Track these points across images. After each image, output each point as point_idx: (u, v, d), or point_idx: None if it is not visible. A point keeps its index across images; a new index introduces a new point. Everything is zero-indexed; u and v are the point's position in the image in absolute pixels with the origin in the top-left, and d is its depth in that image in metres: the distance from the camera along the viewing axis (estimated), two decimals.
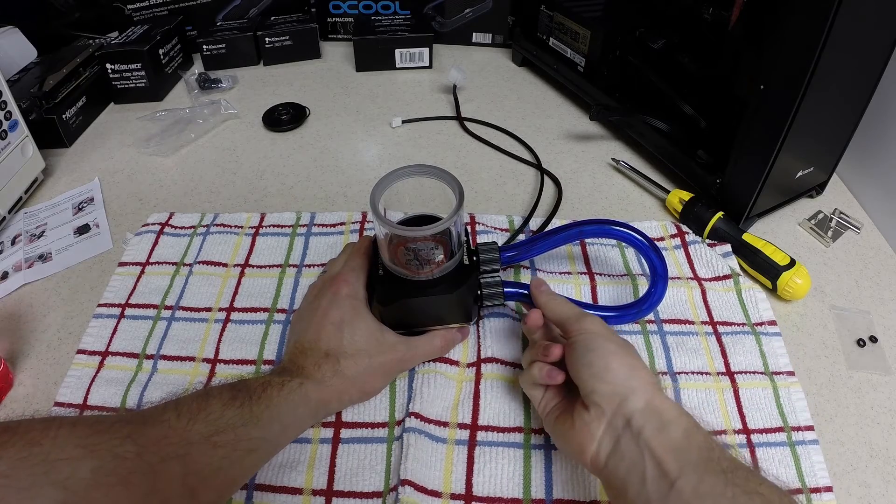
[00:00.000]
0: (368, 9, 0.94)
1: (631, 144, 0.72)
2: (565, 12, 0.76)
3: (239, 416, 0.35)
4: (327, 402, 0.41)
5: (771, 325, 0.50)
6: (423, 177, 0.43)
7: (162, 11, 0.89)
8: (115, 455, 0.28)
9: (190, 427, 0.32)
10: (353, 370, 0.41)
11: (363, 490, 0.40)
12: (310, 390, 0.39)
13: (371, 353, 0.42)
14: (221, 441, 0.33)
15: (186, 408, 0.33)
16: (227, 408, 0.35)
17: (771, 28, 0.50)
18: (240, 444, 0.34)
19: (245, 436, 0.34)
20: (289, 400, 0.38)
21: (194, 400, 0.34)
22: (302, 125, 0.77)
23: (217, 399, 0.35)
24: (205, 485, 0.32)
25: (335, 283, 0.44)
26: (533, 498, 0.40)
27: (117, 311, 0.52)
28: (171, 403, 0.34)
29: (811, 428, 0.43)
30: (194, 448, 0.32)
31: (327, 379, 0.40)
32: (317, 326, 0.42)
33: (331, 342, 0.41)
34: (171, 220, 0.60)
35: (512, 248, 0.49)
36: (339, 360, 0.40)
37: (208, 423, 0.33)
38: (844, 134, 0.59)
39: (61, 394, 0.46)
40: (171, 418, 0.33)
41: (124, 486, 0.28)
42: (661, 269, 0.47)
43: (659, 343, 0.48)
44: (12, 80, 0.74)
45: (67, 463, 0.27)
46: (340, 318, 0.42)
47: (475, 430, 0.43)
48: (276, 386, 0.38)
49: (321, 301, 0.43)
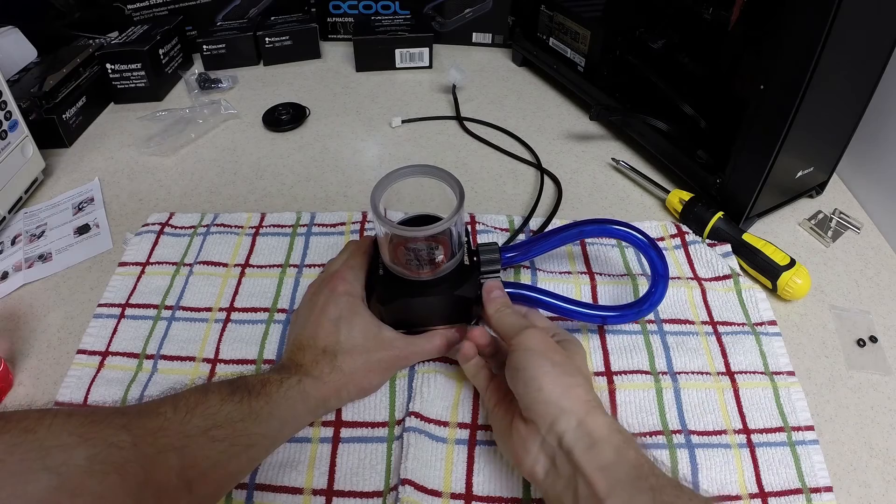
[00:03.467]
0: (368, 9, 0.94)
1: (631, 144, 0.72)
2: (565, 12, 0.76)
3: (237, 411, 0.35)
4: (326, 398, 0.41)
5: (771, 325, 0.50)
6: (424, 177, 0.43)
7: (162, 11, 0.89)
8: (109, 444, 0.28)
9: (187, 420, 0.33)
10: (351, 366, 0.41)
11: (363, 490, 0.40)
12: (308, 387, 0.39)
13: (368, 349, 0.42)
14: (219, 435, 0.33)
15: (184, 402, 0.34)
16: (226, 403, 0.35)
17: (771, 28, 0.50)
18: (238, 438, 0.34)
19: (243, 431, 0.35)
20: (287, 397, 0.38)
21: (192, 395, 0.35)
22: (302, 125, 0.77)
23: (215, 394, 0.35)
24: (202, 478, 0.32)
25: (333, 280, 0.44)
26: (533, 497, 0.39)
27: (117, 312, 0.51)
28: (169, 398, 0.34)
29: (811, 428, 0.43)
30: (192, 441, 0.32)
31: (325, 375, 0.40)
32: (314, 323, 0.42)
33: (328, 338, 0.41)
34: (171, 220, 0.60)
35: (512, 248, 0.49)
36: (337, 356, 0.41)
37: (206, 417, 0.33)
38: (844, 134, 0.59)
39: (61, 394, 0.46)
40: (168, 411, 0.33)
41: (119, 475, 0.28)
42: (662, 268, 0.47)
43: (659, 343, 0.48)
44: (12, 80, 0.74)
45: (62, 450, 0.27)
46: (338, 314, 0.42)
47: (475, 429, 0.43)
48: (275, 383, 0.38)
49: (318, 298, 0.43)
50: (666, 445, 0.42)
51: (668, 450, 0.42)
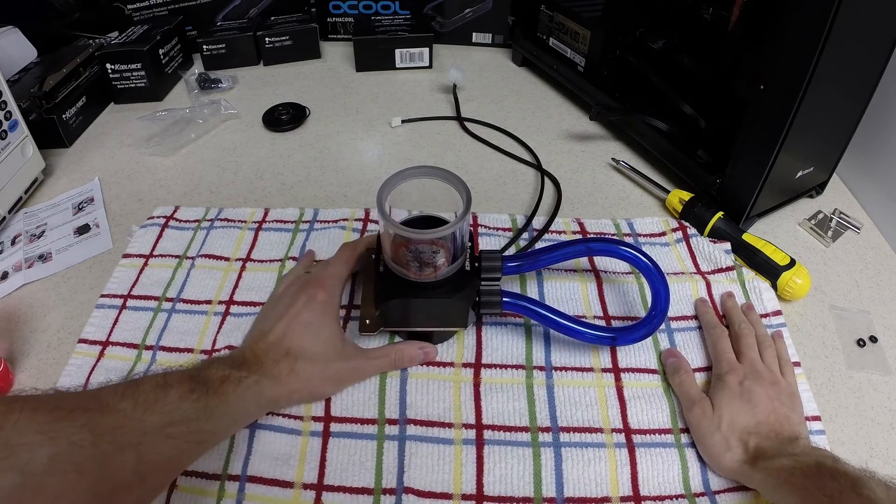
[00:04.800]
0: (368, 9, 0.94)
1: (631, 144, 0.72)
2: (565, 12, 0.76)
3: (193, 409, 0.36)
4: (277, 399, 0.42)
5: (776, 316, 0.50)
6: (432, 178, 0.42)
7: (162, 11, 0.89)
8: (71, 443, 0.30)
9: (145, 417, 0.34)
10: (308, 373, 0.42)
11: (353, 485, 0.40)
12: (264, 387, 0.40)
13: (328, 359, 0.43)
14: (174, 433, 0.35)
15: (143, 397, 0.34)
16: (184, 400, 0.36)
17: (771, 28, 0.50)
18: (190, 435, 0.36)
19: (196, 428, 0.36)
20: (244, 396, 0.39)
21: (152, 389, 0.35)
22: (302, 125, 0.77)
23: (175, 389, 0.36)
24: (154, 472, 0.34)
25: (315, 286, 0.45)
26: (544, 496, 0.40)
27: (119, 302, 0.52)
28: (130, 390, 0.35)
29: (818, 418, 0.44)
30: (148, 438, 0.33)
31: (283, 377, 0.41)
32: (286, 323, 0.43)
33: (293, 341, 0.43)
34: (175, 214, 0.61)
35: (516, 258, 0.48)
36: (298, 361, 0.42)
37: (163, 414, 0.34)
38: (844, 134, 0.59)
39: (61, 383, 0.46)
40: (128, 408, 0.34)
41: (78, 473, 0.29)
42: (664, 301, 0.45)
43: (667, 341, 0.48)
44: (12, 80, 0.74)
45: (26, 448, 0.28)
46: (310, 320, 0.44)
47: (481, 429, 0.43)
48: (234, 381, 0.39)
49: (297, 301, 0.45)
50: (674, 445, 0.42)
51: (677, 448, 0.42)
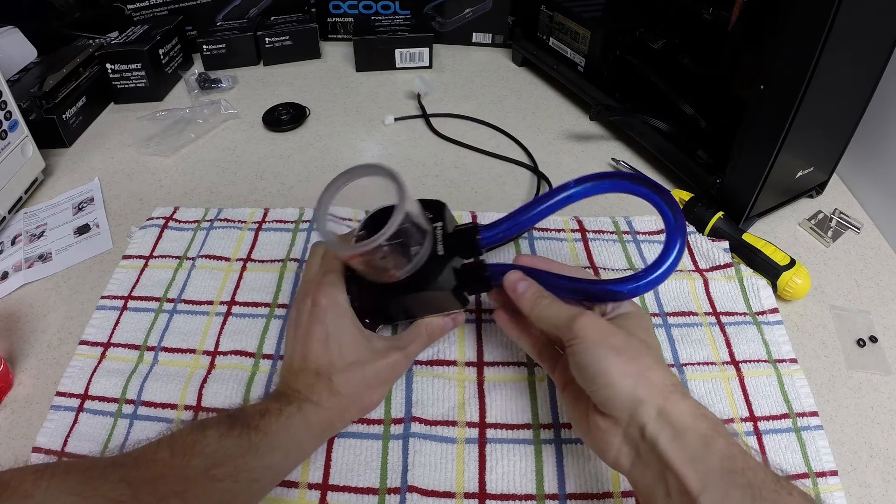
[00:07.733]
0: (368, 9, 0.94)
1: (631, 144, 0.72)
2: (565, 12, 0.76)
3: (237, 446, 0.33)
4: (330, 422, 0.39)
5: (772, 314, 0.50)
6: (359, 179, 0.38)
7: (162, 11, 0.89)
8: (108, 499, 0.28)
9: (186, 463, 0.31)
10: (349, 387, 0.39)
11: (359, 485, 0.40)
12: (309, 414, 0.38)
13: (362, 362, 0.40)
14: (221, 474, 0.32)
15: (181, 443, 0.32)
16: (225, 438, 0.33)
17: (771, 28, 0.50)
18: (240, 475, 0.33)
19: (244, 466, 0.33)
20: (289, 426, 0.36)
21: (189, 433, 0.33)
22: (302, 125, 0.77)
23: (213, 429, 0.34)
24: None
25: (313, 292, 0.41)
26: (546, 493, 0.40)
27: (120, 304, 0.52)
28: (165, 440, 0.33)
29: (815, 413, 0.44)
30: (193, 484, 0.31)
31: (324, 400, 0.38)
32: (303, 345, 0.40)
33: (319, 360, 0.39)
34: (175, 215, 0.61)
35: (492, 226, 0.43)
36: (332, 379, 0.39)
37: (205, 456, 0.32)
38: (844, 134, 0.59)
39: (63, 384, 0.46)
40: (166, 457, 0.31)
41: None
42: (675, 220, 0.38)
43: (664, 336, 0.49)
44: (12, 80, 0.74)
45: None
46: (324, 332, 0.39)
47: (484, 427, 0.43)
48: (275, 412, 0.36)
49: (302, 316, 0.41)
50: None
51: None
